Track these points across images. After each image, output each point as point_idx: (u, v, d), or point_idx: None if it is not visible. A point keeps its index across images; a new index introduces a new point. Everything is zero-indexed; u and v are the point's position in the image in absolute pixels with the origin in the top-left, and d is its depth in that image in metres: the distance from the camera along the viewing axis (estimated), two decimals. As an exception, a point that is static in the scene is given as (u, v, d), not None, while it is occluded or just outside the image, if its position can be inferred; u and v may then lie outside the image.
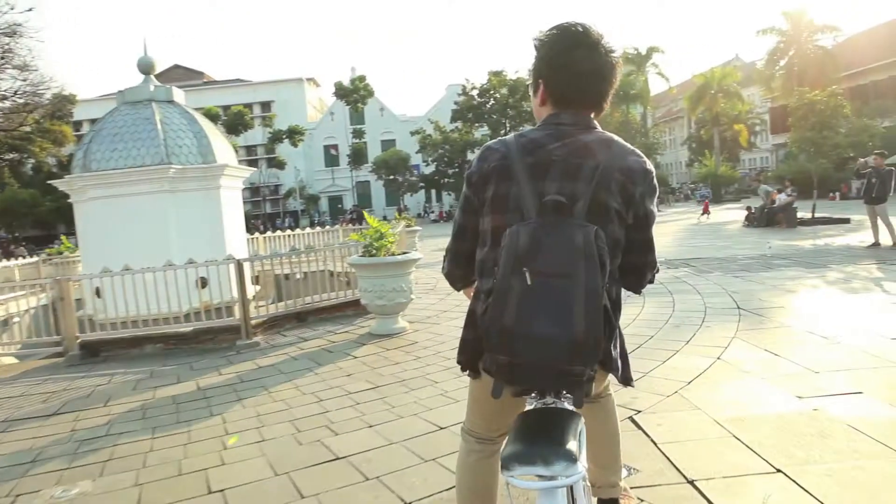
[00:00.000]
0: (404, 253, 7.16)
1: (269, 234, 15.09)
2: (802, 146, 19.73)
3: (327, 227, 19.95)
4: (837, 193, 31.55)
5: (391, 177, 51.98)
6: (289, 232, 16.10)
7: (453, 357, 2.86)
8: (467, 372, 1.82)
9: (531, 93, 1.83)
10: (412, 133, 52.79)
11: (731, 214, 26.19)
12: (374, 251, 6.98)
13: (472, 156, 50.82)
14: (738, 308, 6.74)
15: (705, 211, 26.31)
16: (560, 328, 1.39)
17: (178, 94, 10.35)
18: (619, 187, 1.61)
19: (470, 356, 1.75)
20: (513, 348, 1.44)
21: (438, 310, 8.07)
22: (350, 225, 19.76)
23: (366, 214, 7.47)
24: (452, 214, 51.56)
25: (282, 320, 7.59)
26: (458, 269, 1.90)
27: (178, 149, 9.46)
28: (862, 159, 13.10)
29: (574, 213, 1.54)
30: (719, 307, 6.86)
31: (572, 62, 1.67)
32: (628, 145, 1.72)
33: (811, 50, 37.73)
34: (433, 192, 57.86)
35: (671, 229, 21.03)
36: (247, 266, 7.44)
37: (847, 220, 18.20)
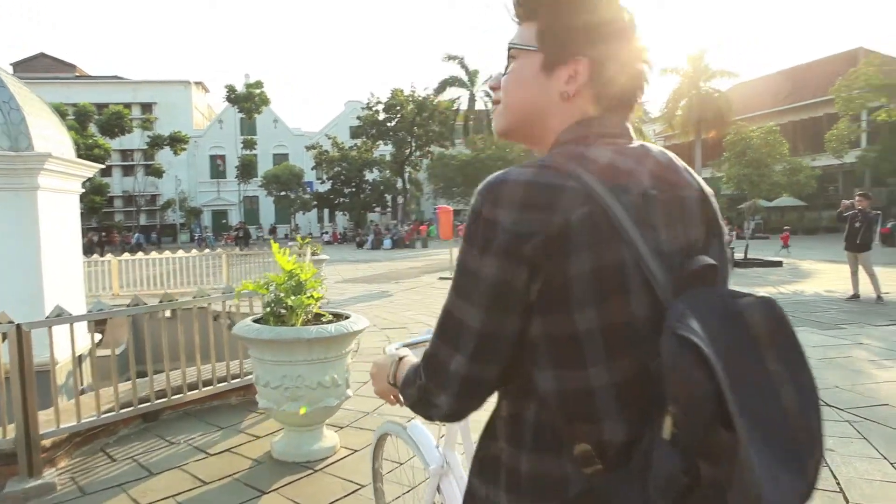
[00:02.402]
0: (335, 317, 4.25)
1: (126, 256, 11.48)
2: (740, 183, 18.68)
3: (208, 247, 16.43)
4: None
5: (282, 193, 49.18)
6: (154, 255, 12.51)
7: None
8: None
9: (528, 71, 1.06)
10: (307, 148, 50.50)
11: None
12: (283, 315, 4.07)
13: (372, 175, 50.56)
14: (837, 409, 4.48)
15: None
16: (798, 475, 0.81)
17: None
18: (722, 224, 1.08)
19: None
20: None
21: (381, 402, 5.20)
22: (235, 244, 16.39)
23: (273, 244, 4.46)
24: (347, 236, 50.15)
25: (113, 425, 4.43)
26: (476, 406, 1.03)
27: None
28: (846, 201, 11.69)
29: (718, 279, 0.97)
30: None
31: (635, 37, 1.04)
32: None
33: (708, 92, 39.06)
34: (326, 211, 54.96)
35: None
36: (59, 333, 4.16)
37: (780, 263, 17.40)
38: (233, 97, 49.51)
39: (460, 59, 49.38)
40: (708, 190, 1.07)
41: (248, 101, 49.20)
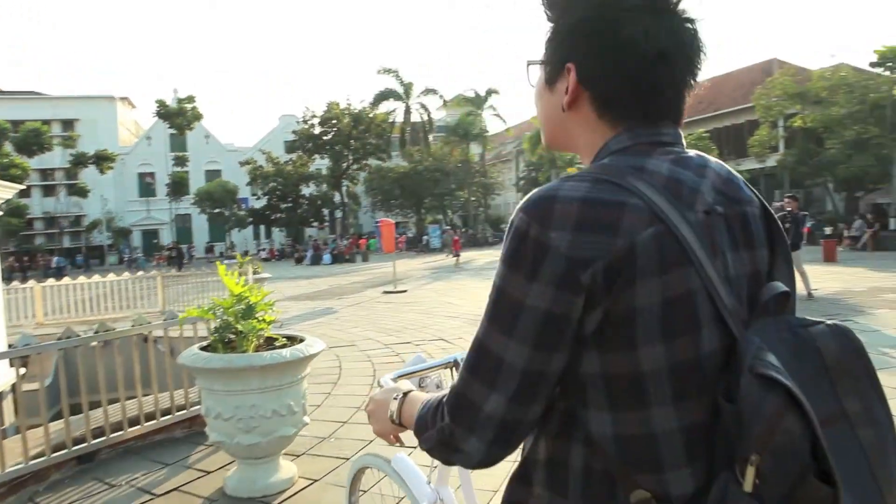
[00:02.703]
0: (289, 340, 4.02)
1: (51, 282, 10.79)
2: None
3: (140, 269, 15.72)
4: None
5: (216, 210, 47.66)
6: (82, 279, 11.83)
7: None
8: None
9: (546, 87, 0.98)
10: (241, 164, 49.27)
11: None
12: (232, 341, 3.83)
13: (308, 190, 49.72)
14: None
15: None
16: None
17: None
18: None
19: None
20: None
21: (344, 420, 4.97)
22: (168, 265, 15.83)
23: (219, 265, 4.22)
24: (285, 252, 48.99)
25: (44, 471, 4.05)
26: (510, 453, 0.90)
27: None
28: (776, 203, 12.16)
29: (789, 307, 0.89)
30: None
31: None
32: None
33: None
34: (262, 227, 53.84)
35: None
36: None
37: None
38: (164, 112, 48.13)
39: (395, 72, 49.41)
40: (767, 205, 0.97)
41: (179, 117, 47.97)
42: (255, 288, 4.08)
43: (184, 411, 4.73)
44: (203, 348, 3.92)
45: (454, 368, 1.65)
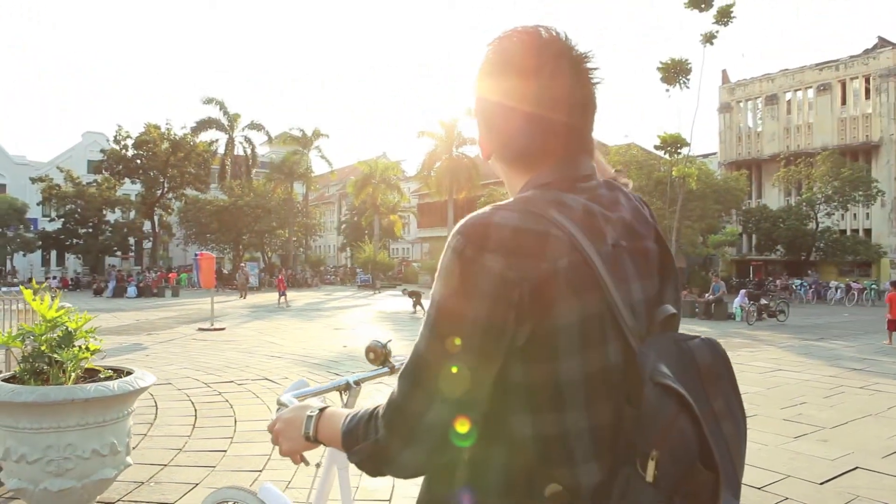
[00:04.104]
0: (115, 373, 3.68)
1: None
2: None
3: None
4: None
5: (-3, 229, 41.81)
6: None
7: None
8: None
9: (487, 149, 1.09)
10: (33, 180, 43.62)
11: (397, 302, 25.73)
12: (45, 372, 3.43)
13: (114, 216, 45.31)
14: None
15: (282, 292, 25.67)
16: (736, 496, 0.96)
17: None
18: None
19: None
20: None
21: (165, 463, 4.57)
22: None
23: (24, 290, 3.80)
24: (81, 281, 43.78)
25: None
26: (444, 458, 0.97)
27: None
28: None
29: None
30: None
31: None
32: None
33: (459, 157, 42.84)
34: (54, 253, 48.12)
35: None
36: None
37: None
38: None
39: (220, 102, 47.63)
40: (661, 234, 1.12)
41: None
42: (73, 312, 3.72)
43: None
44: (6, 380, 3.47)
45: (344, 392, 1.68)
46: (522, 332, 0.91)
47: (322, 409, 1.15)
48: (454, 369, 0.91)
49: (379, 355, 1.70)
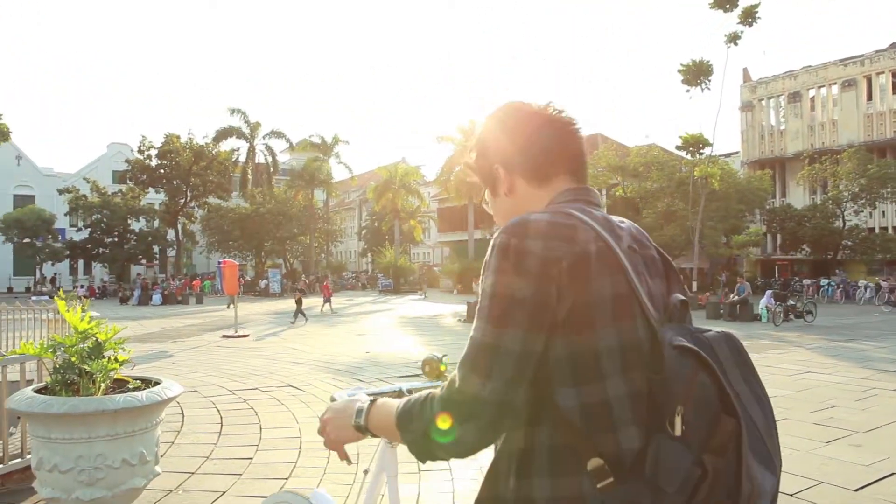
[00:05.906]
0: (143, 384, 3.72)
1: None
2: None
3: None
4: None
5: (26, 240, 42.47)
6: None
7: None
8: None
9: (493, 191, 1.29)
10: (60, 191, 44.39)
11: (419, 307, 25.83)
12: (75, 383, 3.48)
13: (139, 225, 45.98)
14: None
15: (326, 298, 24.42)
16: (773, 473, 1.03)
17: None
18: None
19: None
20: None
21: (192, 471, 4.61)
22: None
23: (59, 300, 3.87)
24: (107, 290, 44.60)
25: None
26: (500, 435, 1.10)
27: None
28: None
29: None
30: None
31: None
32: None
33: None
34: (81, 262, 48.97)
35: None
36: None
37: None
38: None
39: (242, 112, 48.25)
40: (661, 250, 1.27)
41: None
42: (104, 324, 3.78)
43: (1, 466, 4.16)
44: (38, 391, 3.53)
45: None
46: (563, 307, 1.02)
47: (373, 400, 1.25)
48: (507, 347, 1.02)
49: (434, 368, 1.80)
